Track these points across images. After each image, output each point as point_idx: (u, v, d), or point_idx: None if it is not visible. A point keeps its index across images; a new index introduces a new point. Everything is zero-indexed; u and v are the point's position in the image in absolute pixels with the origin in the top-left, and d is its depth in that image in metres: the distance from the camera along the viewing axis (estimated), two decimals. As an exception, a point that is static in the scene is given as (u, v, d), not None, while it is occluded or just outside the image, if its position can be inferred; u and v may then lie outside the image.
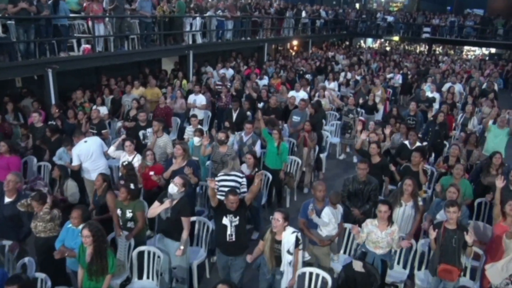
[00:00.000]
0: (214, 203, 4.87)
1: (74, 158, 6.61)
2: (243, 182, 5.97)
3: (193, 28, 13.50)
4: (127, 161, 6.27)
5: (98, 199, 5.72)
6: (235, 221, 4.78)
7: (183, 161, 6.10)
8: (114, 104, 10.57)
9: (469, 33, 25.36)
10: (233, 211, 4.76)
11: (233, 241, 4.80)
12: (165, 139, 7.38)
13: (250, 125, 7.67)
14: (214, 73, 14.05)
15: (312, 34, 22.41)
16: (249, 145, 7.51)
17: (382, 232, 4.89)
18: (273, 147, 7.40)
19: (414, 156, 6.56)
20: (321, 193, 5.20)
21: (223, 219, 4.79)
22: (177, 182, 4.91)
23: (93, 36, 10.00)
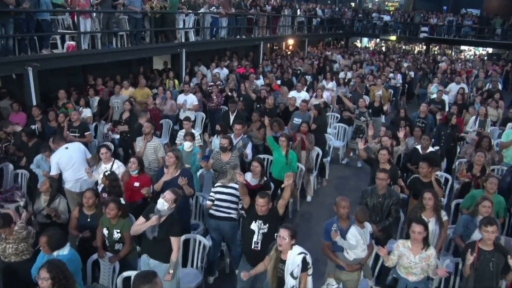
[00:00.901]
0: (245, 203, 4.67)
1: (53, 167, 5.90)
2: None
3: (186, 25, 12.78)
4: (109, 170, 5.53)
5: (92, 220, 4.91)
6: (263, 228, 4.42)
7: (176, 170, 5.40)
8: (101, 105, 9.84)
9: (467, 32, 24.97)
10: (264, 217, 4.42)
11: (258, 250, 4.41)
12: (156, 143, 6.73)
13: (240, 126, 7.07)
14: (208, 73, 13.36)
15: (308, 33, 21.79)
16: (239, 148, 6.85)
17: (415, 256, 4.22)
18: (281, 156, 6.72)
19: (422, 167, 5.90)
20: (345, 210, 4.53)
21: (252, 223, 4.47)
22: (168, 198, 4.23)
23: (78, 32, 9.24)
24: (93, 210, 4.92)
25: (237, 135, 7.02)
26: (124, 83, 10.39)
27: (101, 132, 9.46)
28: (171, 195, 4.26)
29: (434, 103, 10.93)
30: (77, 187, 6.02)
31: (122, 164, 5.90)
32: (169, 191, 4.31)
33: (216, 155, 6.40)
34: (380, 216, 5.29)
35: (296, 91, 10.81)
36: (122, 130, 8.42)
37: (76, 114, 7.52)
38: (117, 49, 10.49)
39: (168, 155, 5.39)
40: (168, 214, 4.26)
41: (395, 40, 27.98)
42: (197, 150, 6.54)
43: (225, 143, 6.19)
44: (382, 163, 6.08)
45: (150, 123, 6.73)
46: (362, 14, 28.31)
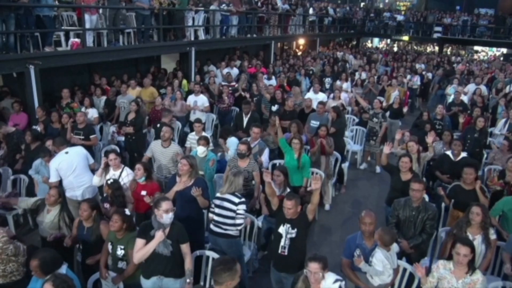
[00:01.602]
0: (274, 204, 4.43)
1: (52, 173, 5.42)
2: (239, 210, 4.69)
3: (195, 23, 12.28)
4: (112, 178, 5.03)
5: (87, 233, 4.45)
6: (291, 232, 4.18)
7: (190, 179, 4.87)
8: (108, 105, 9.38)
9: (483, 32, 24.28)
10: (292, 221, 4.17)
11: (285, 255, 4.20)
12: (175, 148, 6.24)
13: (259, 129, 6.52)
14: (218, 73, 12.85)
15: (319, 33, 21.23)
16: (254, 154, 6.33)
17: (458, 281, 3.70)
18: (293, 160, 6.22)
19: (468, 173, 5.33)
20: (370, 227, 4.03)
21: (280, 227, 4.24)
22: (168, 208, 3.80)
23: (83, 29, 8.78)
24: (90, 223, 4.44)
25: (254, 139, 6.50)
26: (131, 83, 9.92)
27: (106, 134, 9.01)
28: (169, 204, 3.82)
29: (453, 105, 10.35)
30: (79, 195, 5.54)
31: (132, 172, 5.40)
32: (165, 202, 3.84)
33: (233, 162, 5.90)
34: (413, 231, 4.75)
35: (313, 92, 10.31)
36: (127, 132, 7.95)
37: (82, 115, 7.04)
38: (123, 47, 10.02)
39: (182, 162, 4.85)
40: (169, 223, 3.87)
41: (407, 40, 27.29)
42: (211, 156, 6.03)
43: (243, 149, 5.69)
44: (403, 172, 5.54)
45: (169, 127, 6.23)
46: (374, 13, 27.67)
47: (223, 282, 3.01)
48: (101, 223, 4.41)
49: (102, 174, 5.32)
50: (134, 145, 8.08)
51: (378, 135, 8.92)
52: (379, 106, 9.03)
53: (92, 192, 5.64)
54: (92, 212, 4.39)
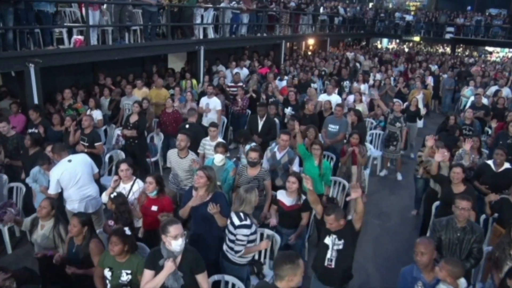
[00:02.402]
0: (318, 213, 4.14)
1: (52, 184, 4.85)
2: (238, 235, 4.02)
3: (204, 21, 11.72)
4: (116, 192, 4.44)
5: (76, 251, 3.93)
6: (338, 244, 3.91)
7: (207, 193, 4.30)
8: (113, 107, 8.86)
9: (497, 33, 23.64)
10: (339, 231, 3.89)
11: (332, 267, 3.94)
12: (193, 158, 5.60)
13: (287, 136, 5.86)
14: (227, 73, 12.28)
15: (330, 33, 20.64)
16: (284, 164, 5.75)
17: None
18: (313, 167, 5.68)
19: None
20: (424, 258, 3.44)
21: (326, 237, 3.97)
22: (179, 233, 3.25)
23: (86, 26, 8.24)
24: (80, 241, 3.93)
25: (282, 147, 5.84)
26: (137, 83, 9.38)
27: (110, 137, 8.47)
28: (178, 229, 3.25)
29: (474, 108, 9.75)
30: (82, 207, 4.99)
31: (143, 184, 4.83)
32: (173, 226, 3.26)
33: (242, 170, 5.33)
34: (458, 255, 4.15)
35: (326, 94, 9.73)
36: (129, 135, 7.40)
37: (88, 119, 6.47)
38: (129, 45, 9.48)
39: (198, 174, 4.26)
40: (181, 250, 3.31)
41: (418, 41, 26.64)
42: (230, 165, 5.42)
43: (254, 157, 5.11)
44: (456, 184, 4.96)
45: (185, 134, 5.58)
46: (384, 13, 27.06)
47: (284, 276, 2.88)
48: (92, 242, 3.88)
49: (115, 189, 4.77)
50: (136, 149, 7.53)
51: (399, 140, 8.37)
52: (400, 110, 8.47)
53: (95, 205, 5.10)
54: (82, 228, 3.88)
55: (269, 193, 5.18)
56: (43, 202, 4.25)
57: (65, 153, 4.95)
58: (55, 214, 4.23)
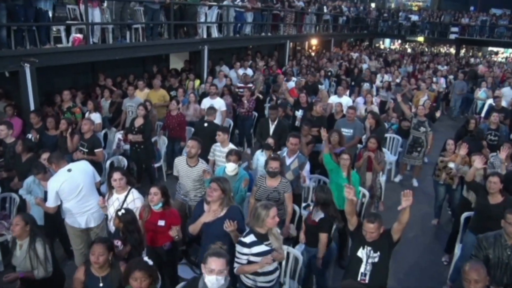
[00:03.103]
0: (351, 224, 3.86)
1: (51, 197, 4.37)
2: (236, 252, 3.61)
3: (208, 20, 11.27)
4: (121, 207, 3.95)
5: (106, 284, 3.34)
6: (373, 256, 3.67)
7: (221, 208, 3.84)
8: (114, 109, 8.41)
9: (502, 33, 23.23)
10: (374, 243, 3.66)
11: (365, 283, 3.71)
12: (203, 167, 5.08)
13: (297, 140, 5.44)
14: (232, 73, 11.82)
15: (333, 33, 20.21)
16: (294, 170, 5.30)
17: None
18: (341, 179, 5.21)
19: None
20: (481, 285, 3.01)
21: (358, 249, 3.73)
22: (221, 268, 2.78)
23: (86, 23, 7.77)
24: (106, 271, 3.37)
25: (291, 152, 5.43)
26: (139, 84, 8.92)
27: (111, 142, 8.01)
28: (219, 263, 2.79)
29: (493, 110, 9.31)
30: (83, 221, 4.54)
31: (140, 196, 4.37)
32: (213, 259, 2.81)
33: (260, 181, 4.85)
34: (509, 276, 3.71)
35: (337, 96, 9.30)
36: (134, 140, 6.94)
37: (87, 123, 5.97)
38: (131, 45, 9.01)
39: (211, 187, 3.79)
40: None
41: (422, 41, 26.21)
42: (244, 174, 4.95)
43: (275, 167, 4.64)
44: (492, 194, 4.54)
45: (196, 140, 5.08)
46: (388, 13, 26.64)
47: None
48: (121, 265, 3.38)
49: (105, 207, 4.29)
50: (142, 155, 7.10)
51: (424, 146, 7.94)
52: (423, 114, 8.02)
53: (98, 219, 4.64)
54: (109, 254, 3.32)
55: (290, 206, 4.72)
56: (15, 218, 3.74)
57: (63, 162, 4.47)
58: (31, 230, 3.68)
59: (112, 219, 4.11)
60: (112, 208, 4.20)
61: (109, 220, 4.33)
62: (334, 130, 6.45)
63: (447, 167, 6.31)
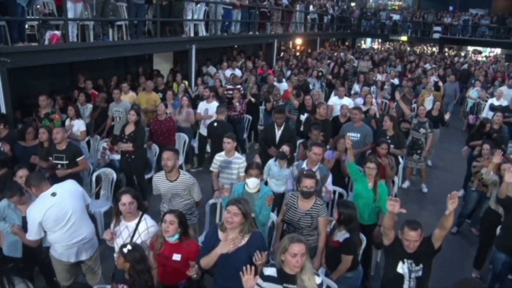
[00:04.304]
0: (389, 239, 3.47)
1: (33, 228, 3.55)
2: None
3: (195, 17, 10.52)
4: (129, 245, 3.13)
5: None
6: (416, 270, 3.39)
7: (242, 236, 3.17)
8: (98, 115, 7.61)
9: (484, 32, 23.33)
10: (414, 255, 3.36)
11: None
12: (187, 182, 4.32)
13: (321, 149, 4.79)
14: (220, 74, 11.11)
15: (319, 32, 19.74)
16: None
17: None
18: (366, 191, 4.61)
19: None
20: None
21: (397, 265, 3.42)
22: None
23: (65, 19, 6.94)
24: None
25: (313, 162, 4.74)
26: (123, 86, 8.14)
27: (94, 151, 7.21)
28: None
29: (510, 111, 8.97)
30: (72, 254, 3.76)
31: (155, 224, 3.62)
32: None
33: (292, 200, 4.10)
34: None
35: (338, 97, 8.74)
36: (125, 150, 6.18)
37: (60, 132, 5.12)
38: (114, 43, 8.20)
39: (231, 210, 3.10)
40: None
41: (406, 40, 26.09)
42: (267, 191, 4.19)
43: (311, 186, 3.90)
44: None
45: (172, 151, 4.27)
46: (370, 13, 26.43)
47: None
48: None
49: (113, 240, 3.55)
50: (133, 165, 6.34)
51: (423, 148, 7.48)
52: (424, 114, 7.56)
53: (91, 250, 3.88)
54: None
55: (323, 233, 4.00)
56: None
57: (45, 183, 3.65)
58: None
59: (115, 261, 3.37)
60: (121, 239, 3.45)
61: (116, 253, 3.58)
62: (340, 137, 5.86)
63: (479, 173, 5.87)
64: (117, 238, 3.51)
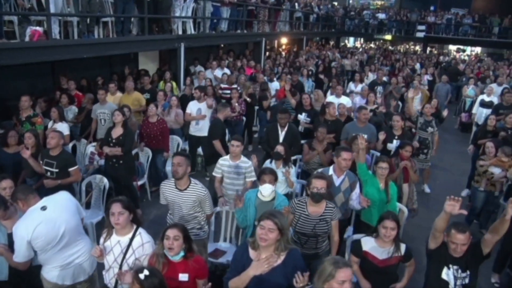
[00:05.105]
0: (437, 243, 3.19)
1: (20, 248, 3.07)
2: None
3: (183, 14, 10.07)
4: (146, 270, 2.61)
5: None
6: (462, 277, 3.13)
7: (277, 253, 2.76)
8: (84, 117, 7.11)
9: (466, 31, 23.51)
10: (461, 259, 3.12)
11: None
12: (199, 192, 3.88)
13: (350, 154, 4.40)
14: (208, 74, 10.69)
15: (305, 31, 19.47)
16: (345, 191, 4.30)
17: None
18: (378, 192, 4.35)
19: None
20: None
21: (442, 270, 3.17)
22: None
23: (47, 14, 6.43)
24: None
25: (342, 168, 4.34)
26: (110, 87, 7.65)
27: (81, 156, 6.71)
28: None
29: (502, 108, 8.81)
30: (68, 276, 3.30)
31: (151, 239, 3.21)
32: None
33: (300, 208, 3.72)
34: None
35: (335, 96, 8.46)
36: (112, 154, 5.71)
37: (56, 136, 4.60)
38: (100, 41, 7.69)
39: (266, 226, 2.70)
40: None
41: (390, 39, 26.10)
42: (282, 200, 3.81)
43: (321, 186, 3.59)
44: None
45: (183, 156, 3.82)
46: (354, 12, 26.36)
47: None
48: None
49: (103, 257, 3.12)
50: (121, 171, 5.85)
51: (430, 147, 7.26)
52: (431, 113, 7.34)
53: (90, 269, 3.43)
54: None
55: (336, 236, 3.73)
56: None
57: (33, 196, 3.18)
58: None
59: (109, 269, 2.95)
60: (112, 256, 3.03)
61: (105, 270, 3.15)
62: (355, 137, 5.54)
63: (488, 172, 5.68)
64: (107, 255, 3.09)
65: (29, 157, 4.55)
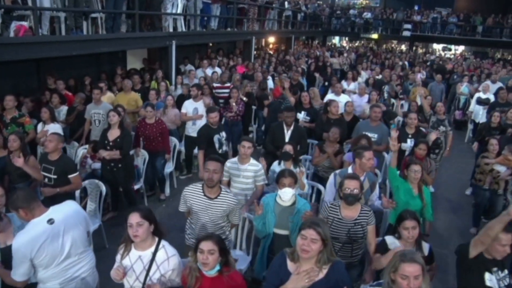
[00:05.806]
0: (481, 248, 2.95)
1: (20, 266, 2.70)
2: None
3: (173, 11, 9.70)
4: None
5: None
6: (503, 278, 2.92)
7: (319, 266, 2.50)
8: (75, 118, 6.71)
9: (452, 30, 23.69)
10: (495, 259, 2.93)
11: None
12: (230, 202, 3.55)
13: (371, 152, 4.15)
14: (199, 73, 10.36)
15: (293, 29, 19.26)
16: (366, 192, 4.04)
17: None
18: (411, 198, 4.05)
19: None
20: None
21: (484, 276, 2.92)
22: None
23: (34, 8, 6.00)
24: None
25: (366, 169, 4.09)
26: (101, 86, 7.24)
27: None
28: None
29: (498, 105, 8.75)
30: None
31: (176, 253, 2.87)
32: None
33: (333, 212, 3.46)
34: None
35: (334, 94, 8.24)
36: (110, 158, 5.35)
37: (54, 139, 4.23)
38: (89, 37, 7.28)
39: (308, 235, 2.44)
40: None
41: (377, 38, 26.10)
42: (303, 204, 3.50)
43: (354, 187, 3.36)
44: None
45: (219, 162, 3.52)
46: (340, 11, 26.31)
47: None
48: None
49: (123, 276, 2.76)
50: (120, 175, 5.51)
51: (442, 148, 7.07)
52: (443, 112, 7.17)
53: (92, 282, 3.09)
54: None
55: (373, 244, 3.45)
56: None
57: (38, 205, 2.79)
58: None
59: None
60: (133, 275, 2.69)
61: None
62: (362, 136, 5.31)
63: (494, 171, 5.54)
64: (129, 273, 2.75)
65: (23, 165, 4.15)
